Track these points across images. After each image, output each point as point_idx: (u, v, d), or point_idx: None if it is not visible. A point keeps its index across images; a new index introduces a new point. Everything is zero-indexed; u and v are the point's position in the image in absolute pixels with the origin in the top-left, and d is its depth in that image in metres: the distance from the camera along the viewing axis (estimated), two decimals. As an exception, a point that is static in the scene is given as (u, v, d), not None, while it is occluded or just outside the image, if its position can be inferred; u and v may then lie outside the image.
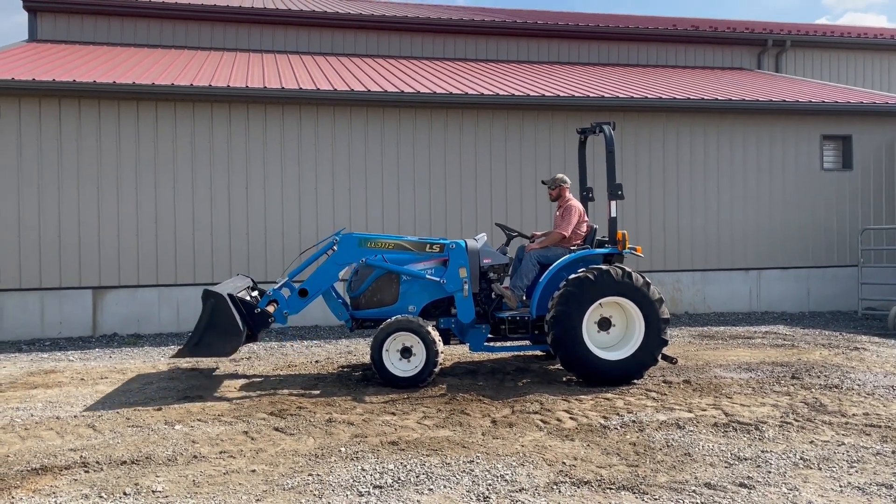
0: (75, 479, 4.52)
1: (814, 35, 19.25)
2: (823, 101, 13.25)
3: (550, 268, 7.35)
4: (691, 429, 5.46)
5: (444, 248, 7.37)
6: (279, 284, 7.45)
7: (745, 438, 5.23)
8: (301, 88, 11.18)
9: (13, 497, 4.24)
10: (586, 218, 7.89)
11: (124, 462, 4.80)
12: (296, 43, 16.59)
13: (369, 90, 11.50)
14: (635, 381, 7.03)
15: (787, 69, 18.74)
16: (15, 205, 10.37)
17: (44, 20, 15.36)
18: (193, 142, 10.96)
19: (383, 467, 4.66)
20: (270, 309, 7.25)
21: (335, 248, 7.41)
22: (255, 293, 7.63)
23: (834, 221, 13.27)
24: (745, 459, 4.78)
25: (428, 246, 7.40)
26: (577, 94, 12.34)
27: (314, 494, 4.25)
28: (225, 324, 6.85)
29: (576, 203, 7.80)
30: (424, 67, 15.16)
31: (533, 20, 18.38)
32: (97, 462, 4.80)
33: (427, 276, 7.30)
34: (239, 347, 7.12)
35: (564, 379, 7.29)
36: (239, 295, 7.15)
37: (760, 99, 12.95)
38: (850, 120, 13.38)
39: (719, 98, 12.79)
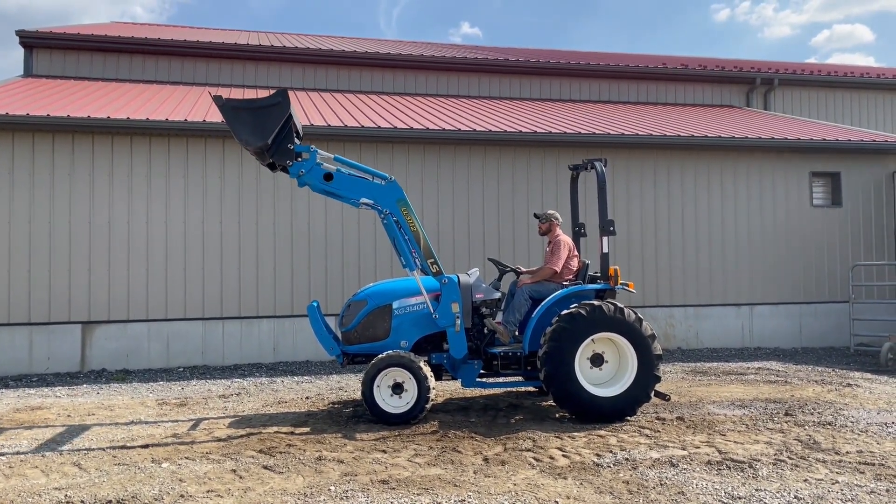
0: (59, 519, 4.43)
1: (801, 74, 19.55)
2: (812, 139, 13.44)
3: (543, 303, 7.34)
4: (685, 467, 5.41)
5: (440, 276, 7.30)
6: (319, 153, 7.14)
7: (738, 477, 5.18)
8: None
9: (-6, 538, 4.16)
10: (576, 253, 7.91)
11: (110, 501, 4.70)
12: (290, 79, 16.79)
13: (363, 126, 11.60)
14: (628, 417, 6.98)
15: (776, 107, 19.00)
16: (6, 238, 10.34)
17: (40, 56, 15.54)
18: (187, 176, 10.99)
19: (373, 506, 4.59)
20: (298, 159, 7.02)
21: (382, 181, 7.21)
22: (298, 140, 7.27)
23: (825, 257, 13.34)
24: (740, 498, 4.73)
25: (432, 259, 7.30)
26: (569, 131, 12.46)
27: (302, 535, 4.18)
28: (268, 123, 6.71)
29: (565, 238, 7.83)
30: (418, 104, 15.31)
31: (525, 58, 18.65)
32: (82, 501, 4.71)
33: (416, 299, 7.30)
34: (251, 149, 6.89)
35: (557, 415, 7.23)
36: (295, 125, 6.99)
37: (750, 136, 13.10)
38: (839, 157, 13.53)
39: (709, 135, 12.94)
